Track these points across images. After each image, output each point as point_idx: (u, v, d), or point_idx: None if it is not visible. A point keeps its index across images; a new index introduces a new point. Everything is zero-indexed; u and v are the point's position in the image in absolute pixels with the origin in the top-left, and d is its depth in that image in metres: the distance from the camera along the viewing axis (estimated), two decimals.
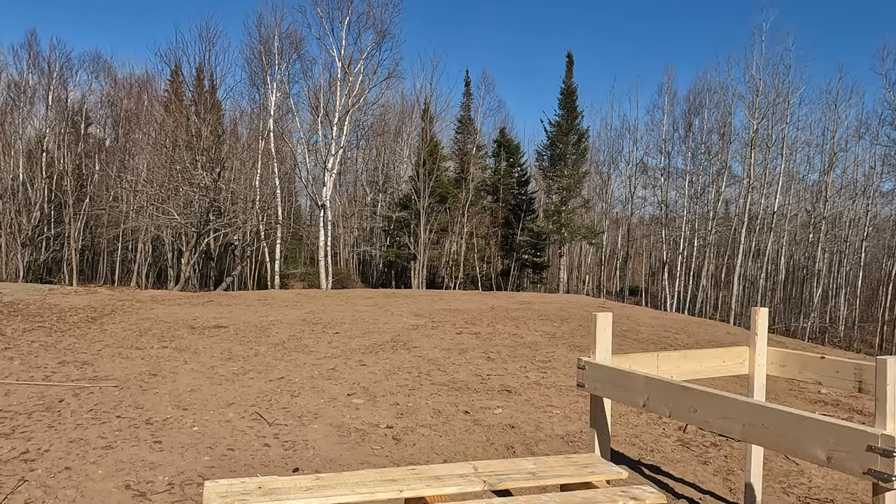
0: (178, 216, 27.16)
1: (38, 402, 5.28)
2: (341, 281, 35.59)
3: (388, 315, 10.93)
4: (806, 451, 2.21)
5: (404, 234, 38.09)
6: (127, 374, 6.27)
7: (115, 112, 38.62)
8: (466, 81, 42.36)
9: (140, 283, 33.38)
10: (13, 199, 31.88)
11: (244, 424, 4.92)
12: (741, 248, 35.67)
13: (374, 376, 6.59)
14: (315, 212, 33.37)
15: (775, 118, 36.03)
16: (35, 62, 36.09)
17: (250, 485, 2.56)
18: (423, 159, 36.27)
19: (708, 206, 38.65)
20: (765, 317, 3.66)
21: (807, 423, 2.18)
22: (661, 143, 40.23)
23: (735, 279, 35.67)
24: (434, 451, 4.59)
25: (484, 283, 39.71)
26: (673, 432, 5.19)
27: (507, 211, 41.17)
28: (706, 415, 2.52)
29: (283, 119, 33.59)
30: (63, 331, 8.48)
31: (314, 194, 32.20)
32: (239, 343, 8.07)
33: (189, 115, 31.26)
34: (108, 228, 32.89)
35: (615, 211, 46.36)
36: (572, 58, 39.26)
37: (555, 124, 39.35)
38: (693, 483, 4.20)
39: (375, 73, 31.49)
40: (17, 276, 29.47)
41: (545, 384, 6.57)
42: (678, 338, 10.07)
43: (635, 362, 3.25)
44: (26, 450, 4.21)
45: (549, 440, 4.90)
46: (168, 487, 3.74)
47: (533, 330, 9.96)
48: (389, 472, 2.79)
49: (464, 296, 16.24)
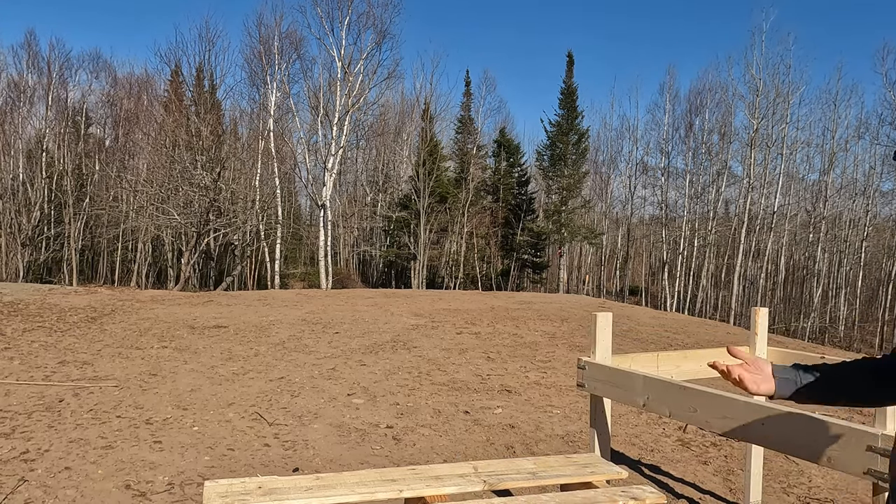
0: (178, 216, 27.16)
1: (38, 402, 5.28)
2: (341, 281, 35.60)
3: (388, 315, 10.93)
4: (806, 451, 2.21)
5: (404, 234, 38.09)
6: (127, 374, 6.27)
7: (115, 112, 38.63)
8: (467, 81, 42.36)
9: (140, 283, 33.37)
10: (13, 199, 31.89)
11: (244, 424, 4.92)
12: (741, 248, 35.66)
13: (374, 376, 6.59)
14: (315, 212, 33.39)
15: (775, 118, 36.05)
16: (34, 62, 36.12)
17: (250, 485, 2.56)
18: (423, 159, 36.27)
19: (708, 206, 38.65)
20: (765, 317, 3.66)
21: (807, 423, 2.18)
22: (661, 143, 40.25)
23: (735, 279, 35.67)
24: (434, 451, 4.59)
25: (484, 283, 39.71)
26: (673, 432, 5.19)
27: (507, 211, 41.17)
28: (706, 415, 2.52)
29: (283, 119, 33.61)
30: (63, 331, 8.48)
31: (314, 194, 32.20)
32: (239, 343, 8.07)
33: (189, 115, 31.26)
34: (108, 228, 32.88)
35: (615, 211, 46.38)
36: (573, 58, 39.28)
37: (555, 124, 39.35)
38: (693, 483, 4.20)
39: (375, 73, 31.54)
40: (17, 276, 29.47)
41: (545, 384, 6.57)
42: (678, 338, 10.08)
43: (635, 362, 3.25)
44: (26, 450, 4.21)
45: (549, 440, 4.90)
46: (168, 487, 3.74)
47: (533, 330, 9.96)
48: (389, 472, 2.79)
49: (464, 296, 16.25)
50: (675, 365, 3.37)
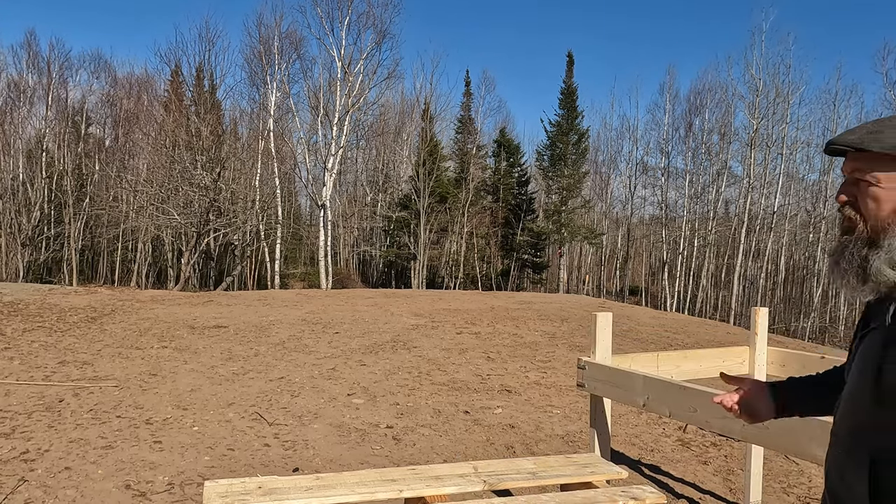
0: (178, 216, 27.16)
1: (38, 402, 5.28)
2: (341, 281, 35.59)
3: (388, 315, 10.93)
4: (806, 451, 2.21)
5: (404, 234, 38.09)
6: (127, 374, 6.27)
7: (115, 112, 38.63)
8: (467, 81, 42.35)
9: (140, 283, 33.37)
10: (13, 199, 31.89)
11: (244, 424, 4.92)
12: (741, 248, 35.66)
13: (374, 376, 6.59)
14: (315, 212, 33.38)
15: (775, 118, 36.05)
16: (34, 62, 36.10)
17: (250, 485, 2.56)
18: (423, 159, 36.27)
19: (708, 206, 38.65)
20: (765, 317, 3.66)
21: (807, 422, 2.18)
22: (661, 143, 40.25)
23: (735, 279, 35.67)
24: (434, 451, 4.59)
25: (484, 283, 39.71)
26: (673, 432, 5.19)
27: (507, 211, 41.17)
28: (706, 415, 2.52)
29: (283, 119, 33.59)
30: (63, 331, 8.48)
31: (314, 194, 32.20)
32: (239, 343, 8.07)
33: (189, 115, 31.26)
34: (108, 228, 32.87)
35: (615, 211, 46.37)
36: (573, 58, 39.27)
37: (555, 124, 39.36)
38: (693, 483, 4.20)
39: (375, 73, 31.53)
40: (17, 276, 29.47)
41: (545, 384, 6.57)
42: (678, 338, 10.07)
43: (635, 362, 3.25)
44: (26, 450, 4.21)
45: (549, 440, 4.90)
46: (168, 487, 3.74)
47: (533, 330, 9.96)
48: (389, 472, 2.79)
49: (464, 296, 16.24)
50: (675, 365, 3.38)
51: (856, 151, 1.18)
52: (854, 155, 1.19)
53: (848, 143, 1.18)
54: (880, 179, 1.14)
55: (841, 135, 1.21)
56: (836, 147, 1.21)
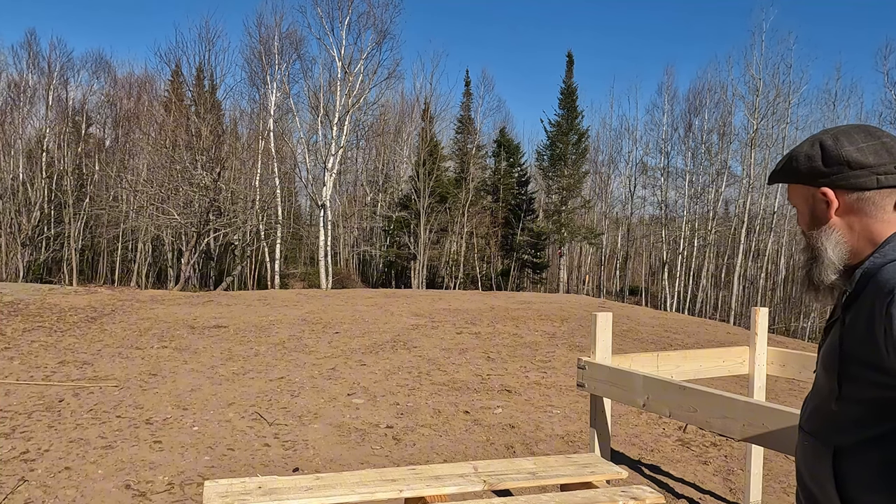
0: (178, 216, 27.15)
1: (38, 401, 5.28)
2: (341, 281, 35.58)
3: (388, 315, 10.93)
4: None
5: (404, 233, 38.09)
6: (127, 374, 6.27)
7: (115, 112, 38.63)
8: (466, 81, 42.39)
9: (140, 282, 33.38)
10: (13, 199, 31.89)
11: (244, 424, 4.92)
12: (741, 248, 35.66)
13: (374, 376, 6.59)
14: (315, 212, 33.37)
15: (775, 118, 36.05)
16: (35, 62, 36.11)
17: (250, 485, 2.56)
18: (422, 159, 36.27)
19: (708, 206, 38.64)
20: (765, 317, 3.66)
21: None
22: (660, 143, 40.25)
23: (735, 279, 35.67)
24: (434, 451, 4.59)
25: (484, 282, 39.71)
26: (673, 432, 5.19)
27: (507, 211, 41.18)
28: (706, 415, 2.52)
29: (283, 119, 33.60)
30: (63, 331, 8.48)
31: (314, 194, 32.20)
32: (239, 343, 8.07)
33: (189, 115, 31.26)
34: (108, 228, 32.87)
35: (615, 211, 46.36)
36: (572, 57, 39.31)
37: (555, 124, 39.37)
38: (693, 483, 4.20)
39: (375, 73, 31.52)
40: (17, 275, 29.48)
41: (545, 384, 6.57)
42: (678, 338, 10.07)
43: (635, 362, 3.25)
44: (26, 450, 4.21)
45: (549, 440, 4.90)
46: (168, 487, 3.75)
47: (533, 330, 9.96)
48: (389, 471, 2.79)
49: (464, 296, 16.24)
50: (675, 365, 3.37)
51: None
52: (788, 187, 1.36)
53: (777, 180, 1.34)
54: (796, 200, 1.32)
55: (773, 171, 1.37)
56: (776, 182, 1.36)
